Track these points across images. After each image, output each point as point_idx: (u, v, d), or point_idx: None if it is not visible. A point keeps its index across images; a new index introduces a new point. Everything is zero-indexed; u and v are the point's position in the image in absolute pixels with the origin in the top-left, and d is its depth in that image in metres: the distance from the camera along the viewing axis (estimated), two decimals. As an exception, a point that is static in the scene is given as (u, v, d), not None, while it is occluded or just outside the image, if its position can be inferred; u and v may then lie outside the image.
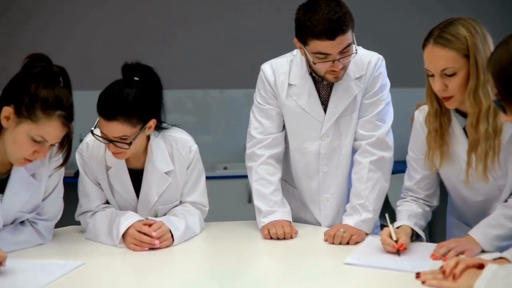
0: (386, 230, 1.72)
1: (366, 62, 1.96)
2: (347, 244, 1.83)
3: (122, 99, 1.76)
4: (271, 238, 1.90)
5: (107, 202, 1.98)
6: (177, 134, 1.99)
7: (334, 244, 1.83)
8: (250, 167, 2.05)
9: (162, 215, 1.97)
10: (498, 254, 1.47)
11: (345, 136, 2.00)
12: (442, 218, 2.08)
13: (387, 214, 1.80)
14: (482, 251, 1.64)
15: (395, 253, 1.67)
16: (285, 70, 2.01)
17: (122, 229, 1.80)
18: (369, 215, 1.92)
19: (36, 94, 1.61)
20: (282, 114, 2.03)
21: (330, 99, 1.98)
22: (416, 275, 1.42)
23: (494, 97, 1.36)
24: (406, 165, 1.93)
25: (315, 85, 1.99)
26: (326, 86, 1.99)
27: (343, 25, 1.76)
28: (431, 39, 1.63)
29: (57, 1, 4.01)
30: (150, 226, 1.81)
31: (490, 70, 1.32)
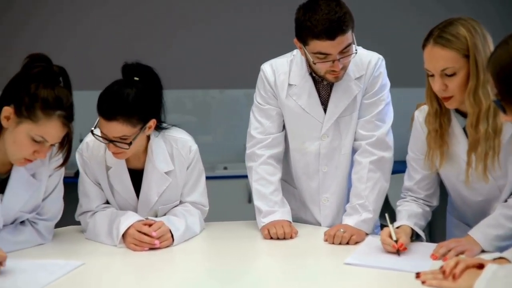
0: (386, 230, 1.72)
1: (366, 62, 1.96)
2: (347, 244, 1.83)
3: (122, 99, 1.76)
4: (271, 238, 1.90)
5: (107, 202, 1.98)
6: (177, 134, 1.99)
7: (334, 244, 1.83)
8: (250, 167, 2.05)
9: (162, 215, 1.97)
10: (498, 254, 1.47)
11: (345, 136, 2.00)
12: (442, 218, 2.08)
13: (387, 214, 1.79)
14: (482, 251, 1.64)
15: (395, 253, 1.67)
16: (285, 70, 2.01)
17: (122, 229, 1.80)
18: (369, 215, 1.92)
19: (36, 94, 1.61)
20: (282, 114, 2.03)
21: (330, 99, 1.98)
22: (416, 275, 1.42)
23: (494, 97, 1.36)
24: (406, 165, 1.93)
25: (315, 85, 1.99)
26: (326, 86, 1.99)
27: (343, 25, 1.76)
28: (431, 39, 1.63)
29: (57, 1, 4.02)
30: (150, 226, 1.81)
31: (490, 70, 1.32)
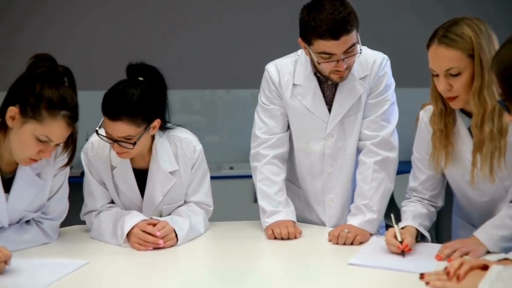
0: (391, 230, 1.71)
1: (371, 62, 1.96)
2: (351, 244, 1.82)
3: (126, 99, 1.77)
4: (275, 238, 1.90)
5: (112, 202, 1.98)
6: (181, 134, 1.99)
7: (338, 244, 1.83)
8: (255, 167, 2.05)
9: (166, 215, 1.97)
10: (503, 255, 1.46)
11: (349, 136, 1.99)
12: (448, 219, 2.07)
13: (393, 214, 1.79)
14: (487, 252, 1.63)
15: (400, 254, 1.66)
16: (289, 70, 2.00)
17: (127, 228, 1.81)
18: (373, 216, 1.91)
19: (41, 94, 1.62)
20: (287, 114, 2.03)
21: (334, 99, 1.97)
22: (420, 276, 1.41)
23: (498, 97, 1.35)
24: (411, 165, 1.92)
25: (320, 85, 1.98)
26: (330, 86, 1.98)
27: (348, 25, 1.76)
28: (436, 39, 1.62)
29: (57, 1, 4.00)
30: (155, 225, 1.82)
31: (494, 70, 1.31)
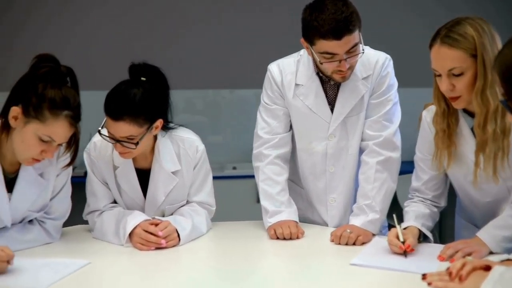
0: (393, 230, 1.71)
1: (374, 62, 1.95)
2: (354, 244, 1.82)
3: (129, 99, 1.77)
4: (278, 238, 1.90)
5: (115, 202, 1.99)
6: (184, 134, 1.99)
7: (340, 244, 1.83)
8: (257, 167, 2.05)
9: (169, 215, 1.97)
10: (505, 255, 1.45)
11: (352, 136, 1.99)
12: (451, 219, 2.07)
13: (395, 214, 1.78)
14: (490, 253, 1.62)
15: (402, 254, 1.66)
16: (292, 70, 2.00)
17: (129, 228, 1.81)
18: (376, 216, 1.91)
19: (43, 94, 1.63)
20: (289, 114, 2.03)
21: (337, 99, 1.97)
22: (422, 277, 1.41)
23: (501, 97, 1.34)
24: (414, 165, 1.91)
25: (322, 85, 1.98)
26: (333, 86, 1.98)
27: (350, 25, 1.75)
28: (438, 39, 1.62)
29: (57, 1, 3.99)
30: (157, 225, 1.82)
31: (496, 70, 1.31)
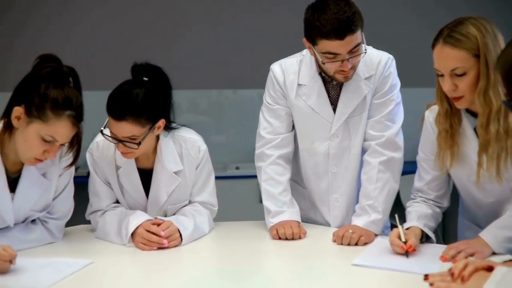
0: (395, 231, 1.71)
1: (376, 62, 1.95)
2: (356, 245, 1.82)
3: (131, 99, 1.77)
4: (280, 239, 1.90)
5: (117, 202, 1.99)
6: (186, 134, 1.99)
7: (342, 245, 1.83)
8: (259, 167, 2.05)
9: (171, 215, 1.97)
10: (508, 256, 1.45)
11: (354, 136, 1.99)
12: (455, 220, 2.06)
13: (397, 214, 1.78)
14: (493, 253, 1.62)
15: (404, 254, 1.65)
16: (294, 70, 2.00)
17: (131, 228, 1.81)
18: (378, 216, 1.90)
19: (46, 94, 1.63)
20: (292, 114, 2.03)
21: (339, 99, 1.97)
22: (424, 277, 1.40)
23: (504, 97, 1.34)
24: (417, 165, 1.91)
25: (325, 85, 1.97)
26: (335, 86, 1.97)
27: (352, 24, 1.75)
28: (441, 39, 1.61)
29: (57, 1, 3.98)
30: (159, 225, 1.82)
31: (498, 70, 1.30)
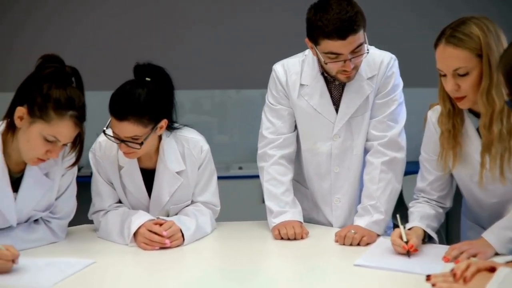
0: (397, 231, 1.71)
1: (379, 62, 1.95)
2: (358, 245, 1.81)
3: (133, 99, 1.77)
4: (282, 239, 1.90)
5: (120, 202, 1.99)
6: (188, 134, 1.99)
7: (344, 245, 1.82)
8: (262, 167, 2.05)
9: (173, 215, 1.98)
10: (511, 257, 1.44)
11: (357, 136, 1.98)
12: (458, 220, 2.06)
13: (398, 214, 1.78)
14: (496, 254, 1.61)
15: (405, 254, 1.65)
16: (296, 70, 2.00)
17: (133, 228, 1.81)
18: (380, 216, 1.90)
19: (48, 95, 1.63)
20: (294, 114, 2.03)
21: (342, 99, 1.96)
22: (426, 278, 1.40)
23: (506, 97, 1.33)
24: (419, 165, 1.90)
25: (327, 85, 1.97)
26: (338, 86, 1.97)
27: (354, 24, 1.75)
28: (443, 39, 1.61)
29: (57, 1, 3.97)
30: (161, 225, 1.83)
31: (501, 70, 1.30)
